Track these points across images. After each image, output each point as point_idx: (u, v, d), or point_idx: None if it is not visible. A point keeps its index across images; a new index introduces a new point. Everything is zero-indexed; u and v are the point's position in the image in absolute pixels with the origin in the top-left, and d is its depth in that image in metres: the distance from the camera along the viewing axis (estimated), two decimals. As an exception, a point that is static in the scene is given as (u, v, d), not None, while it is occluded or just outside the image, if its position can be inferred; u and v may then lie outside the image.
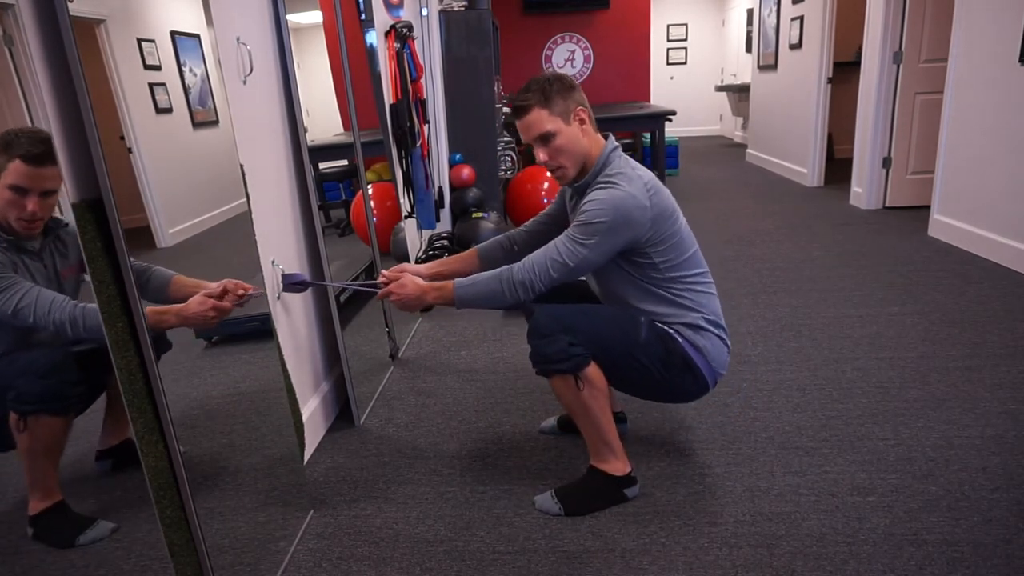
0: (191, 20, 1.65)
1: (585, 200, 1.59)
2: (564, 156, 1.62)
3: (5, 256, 1.23)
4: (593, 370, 1.59)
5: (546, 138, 1.60)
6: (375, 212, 3.49)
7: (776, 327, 2.80)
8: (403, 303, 1.66)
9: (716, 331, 1.67)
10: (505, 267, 1.60)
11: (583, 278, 1.85)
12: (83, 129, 1.11)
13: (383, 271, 1.76)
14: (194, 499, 1.30)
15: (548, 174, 4.57)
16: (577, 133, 1.61)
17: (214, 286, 1.50)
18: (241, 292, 1.53)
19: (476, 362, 2.66)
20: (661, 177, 5.86)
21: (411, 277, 1.68)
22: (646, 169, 1.64)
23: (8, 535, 1.38)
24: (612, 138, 1.67)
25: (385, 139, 3.12)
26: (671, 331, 1.65)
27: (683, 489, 1.76)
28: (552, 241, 1.59)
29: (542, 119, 1.59)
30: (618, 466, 1.70)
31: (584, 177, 1.65)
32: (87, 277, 1.21)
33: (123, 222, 1.16)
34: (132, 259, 1.39)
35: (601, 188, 1.58)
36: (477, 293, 1.61)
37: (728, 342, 1.71)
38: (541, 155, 1.64)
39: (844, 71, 6.13)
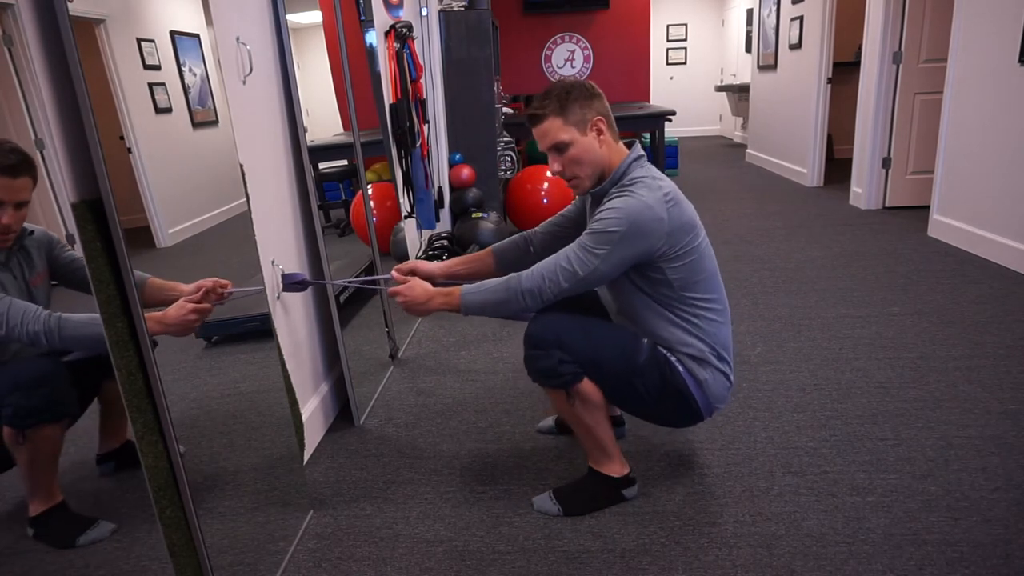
0: (191, 20, 1.65)
1: (601, 208, 1.53)
2: (578, 166, 1.57)
3: None
4: (586, 385, 1.56)
5: (560, 148, 1.55)
6: (375, 212, 3.49)
7: (776, 327, 2.80)
8: (408, 306, 1.62)
9: (720, 365, 1.61)
10: (514, 275, 1.55)
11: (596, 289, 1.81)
12: (83, 129, 1.11)
13: (393, 269, 1.73)
14: (194, 499, 1.30)
15: (548, 174, 4.59)
16: (593, 143, 1.55)
17: (189, 288, 1.46)
18: (220, 290, 1.49)
19: (476, 362, 2.66)
20: (661, 177, 5.86)
21: (420, 281, 1.63)
22: (669, 180, 1.59)
23: (8, 535, 1.38)
24: (637, 146, 1.62)
25: (385, 139, 3.12)
26: (672, 359, 1.59)
27: (682, 489, 1.76)
28: (564, 248, 1.54)
29: (556, 128, 1.54)
30: (615, 468, 1.70)
31: (603, 184, 1.60)
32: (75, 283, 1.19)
33: (123, 222, 1.16)
34: None
35: (618, 197, 1.52)
36: (484, 301, 1.56)
37: (732, 377, 1.65)
38: (555, 165, 1.59)
39: (844, 71, 6.14)
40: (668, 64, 11.19)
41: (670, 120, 5.73)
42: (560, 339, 1.54)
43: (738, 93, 9.51)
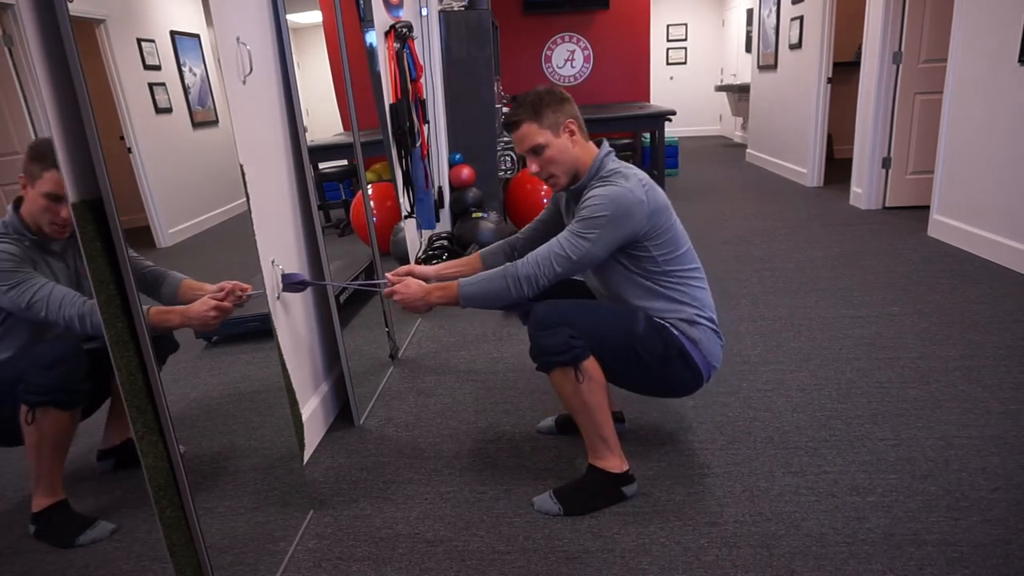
0: (191, 20, 1.65)
1: (585, 197, 1.64)
2: (554, 166, 1.69)
3: (26, 253, 1.28)
4: (592, 363, 1.62)
5: (537, 150, 1.68)
6: (375, 212, 3.49)
7: (776, 327, 2.80)
8: (407, 303, 1.69)
9: (710, 325, 1.72)
10: (509, 264, 1.65)
11: (581, 278, 1.88)
12: (83, 129, 1.11)
13: (388, 273, 1.79)
14: (194, 499, 1.30)
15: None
16: (567, 144, 1.68)
17: (213, 288, 1.54)
18: (240, 292, 1.56)
19: (476, 362, 2.66)
20: (661, 177, 5.86)
21: (414, 279, 1.72)
22: (639, 169, 1.72)
23: (9, 534, 1.38)
24: (606, 143, 1.74)
25: (385, 139, 3.12)
26: (667, 324, 1.69)
27: (683, 489, 1.76)
28: (555, 237, 1.64)
29: (532, 133, 1.67)
30: (615, 463, 1.71)
31: (579, 181, 1.71)
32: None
33: (123, 222, 1.17)
34: (151, 264, 1.48)
35: (600, 186, 1.64)
36: (483, 291, 1.65)
37: (721, 336, 1.76)
38: (533, 166, 1.71)
39: (844, 71, 6.13)
40: (668, 64, 11.19)
41: (670, 120, 5.73)
42: (567, 318, 1.61)
43: (738, 93, 9.50)
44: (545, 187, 4.50)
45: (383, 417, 2.26)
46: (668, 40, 11.08)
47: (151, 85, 1.53)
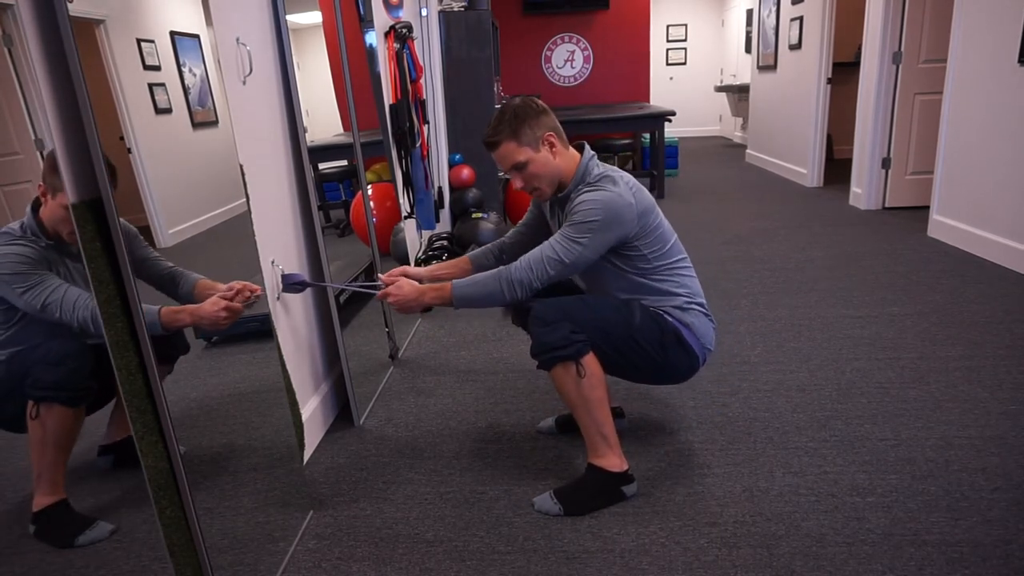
0: (191, 20, 1.65)
1: (576, 202, 1.67)
2: (538, 180, 1.72)
3: (41, 255, 1.29)
4: (592, 359, 1.64)
5: (520, 167, 1.70)
6: (375, 212, 3.49)
7: (776, 327, 2.80)
8: (401, 304, 1.71)
9: (700, 309, 1.78)
10: (503, 267, 1.67)
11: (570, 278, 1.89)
12: (83, 129, 1.11)
13: (381, 274, 1.81)
14: (194, 499, 1.30)
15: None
16: (548, 157, 1.71)
17: (224, 287, 1.55)
18: (249, 293, 1.57)
19: (476, 362, 2.66)
20: (661, 177, 5.87)
21: (407, 280, 1.74)
22: (624, 172, 1.75)
23: (9, 534, 1.39)
24: (588, 148, 1.77)
25: (385, 139, 3.13)
26: (661, 312, 1.73)
27: (683, 489, 1.76)
28: (547, 241, 1.67)
29: (512, 151, 1.69)
30: (615, 461, 1.71)
31: (565, 189, 1.74)
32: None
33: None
34: (171, 264, 1.50)
35: (590, 191, 1.67)
36: (476, 293, 1.67)
37: (713, 319, 1.81)
38: (517, 182, 1.74)
39: (844, 71, 6.14)
40: (668, 64, 11.19)
41: (670, 120, 5.74)
42: (567, 313, 1.64)
43: (738, 93, 9.51)
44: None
45: (383, 417, 2.26)
46: (668, 40, 11.08)
47: (151, 85, 1.53)
